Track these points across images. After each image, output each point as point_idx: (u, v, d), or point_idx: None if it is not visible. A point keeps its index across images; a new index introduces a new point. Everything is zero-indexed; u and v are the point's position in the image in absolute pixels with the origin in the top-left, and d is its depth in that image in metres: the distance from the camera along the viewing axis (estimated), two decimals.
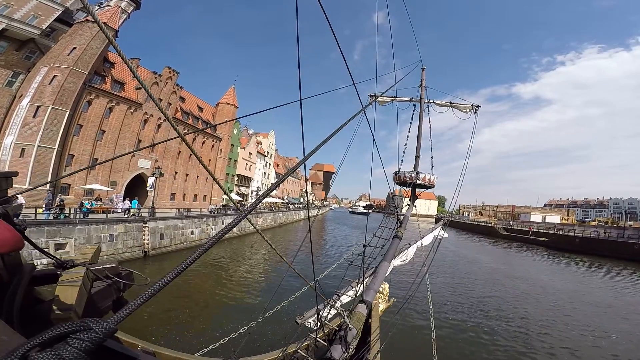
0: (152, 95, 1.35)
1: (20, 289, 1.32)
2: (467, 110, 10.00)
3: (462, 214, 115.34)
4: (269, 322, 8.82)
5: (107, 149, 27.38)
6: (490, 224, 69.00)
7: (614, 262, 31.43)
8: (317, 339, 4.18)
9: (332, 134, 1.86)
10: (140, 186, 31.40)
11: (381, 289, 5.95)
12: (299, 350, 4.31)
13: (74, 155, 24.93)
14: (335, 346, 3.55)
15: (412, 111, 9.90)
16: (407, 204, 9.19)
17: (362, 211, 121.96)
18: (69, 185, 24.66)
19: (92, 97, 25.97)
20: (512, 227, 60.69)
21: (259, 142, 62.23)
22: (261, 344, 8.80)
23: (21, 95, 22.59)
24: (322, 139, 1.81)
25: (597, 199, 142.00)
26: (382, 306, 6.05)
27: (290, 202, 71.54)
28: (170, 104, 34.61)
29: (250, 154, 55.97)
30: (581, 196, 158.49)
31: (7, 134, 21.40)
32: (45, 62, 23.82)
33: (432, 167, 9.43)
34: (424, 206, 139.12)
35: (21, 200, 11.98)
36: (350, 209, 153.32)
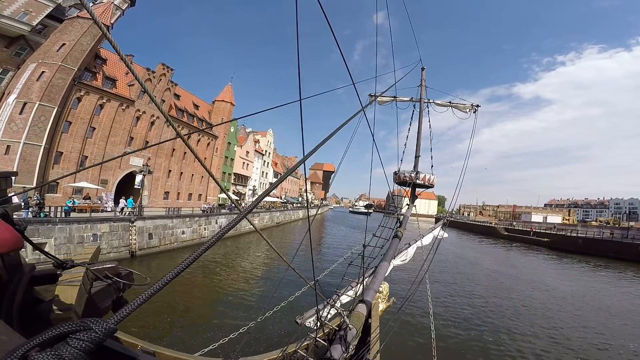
0: (149, 91, 1.35)
1: (20, 289, 1.32)
2: (467, 110, 10.02)
3: (463, 214, 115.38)
4: (268, 322, 8.85)
5: (97, 147, 26.90)
6: (490, 224, 68.84)
7: (619, 264, 30.76)
8: (317, 338, 4.18)
9: (332, 134, 1.87)
10: (132, 185, 30.68)
11: (381, 289, 5.95)
12: (299, 350, 4.31)
13: (62, 152, 24.43)
14: (335, 346, 3.55)
15: (412, 111, 9.93)
16: (406, 204, 9.20)
17: (364, 211, 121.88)
18: (57, 183, 23.95)
19: (82, 94, 25.53)
20: (513, 228, 60.14)
21: (257, 141, 61.29)
22: (261, 344, 8.80)
23: (9, 92, 22.19)
24: (321, 138, 1.82)
25: (597, 199, 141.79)
26: (381, 306, 6.04)
27: (288, 201, 70.77)
28: (164, 101, 33.79)
29: (247, 152, 55.18)
30: (581, 196, 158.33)
31: None
32: (34, 58, 23.44)
33: (431, 167, 9.44)
34: (424, 206, 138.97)
35: (15, 200, 11.90)
36: (350, 209, 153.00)
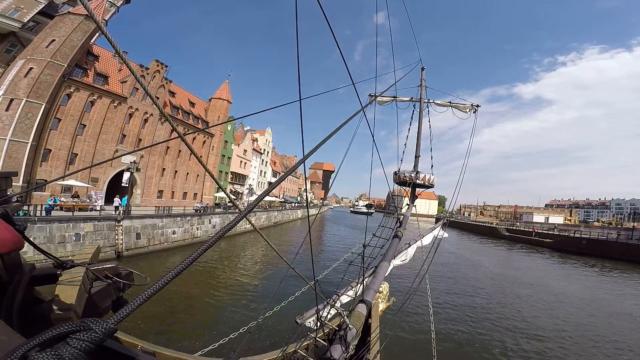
0: (145, 87, 1.34)
1: (20, 289, 1.33)
2: (467, 110, 9.99)
3: (463, 214, 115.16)
4: (269, 322, 8.84)
5: (87, 144, 26.58)
6: (491, 224, 68.69)
7: (624, 265, 30.26)
8: (317, 338, 4.18)
9: (332, 134, 1.87)
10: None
11: (381, 289, 5.94)
12: (298, 350, 4.30)
13: (50, 149, 24.10)
14: (335, 346, 3.55)
15: (412, 111, 9.90)
16: (406, 204, 9.19)
17: (365, 211, 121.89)
18: (45, 181, 23.21)
19: (71, 90, 25.21)
20: (515, 228, 59.73)
21: (255, 140, 60.47)
22: (261, 344, 8.81)
23: None
24: (321, 138, 1.81)
25: (599, 199, 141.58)
26: (382, 306, 6.03)
27: (286, 200, 70.30)
28: (158, 97, 33.06)
29: (245, 151, 54.30)
30: (582, 197, 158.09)
31: None
32: (23, 55, 23.22)
33: (432, 166, 9.41)
34: (424, 206, 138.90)
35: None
36: (351, 209, 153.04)
